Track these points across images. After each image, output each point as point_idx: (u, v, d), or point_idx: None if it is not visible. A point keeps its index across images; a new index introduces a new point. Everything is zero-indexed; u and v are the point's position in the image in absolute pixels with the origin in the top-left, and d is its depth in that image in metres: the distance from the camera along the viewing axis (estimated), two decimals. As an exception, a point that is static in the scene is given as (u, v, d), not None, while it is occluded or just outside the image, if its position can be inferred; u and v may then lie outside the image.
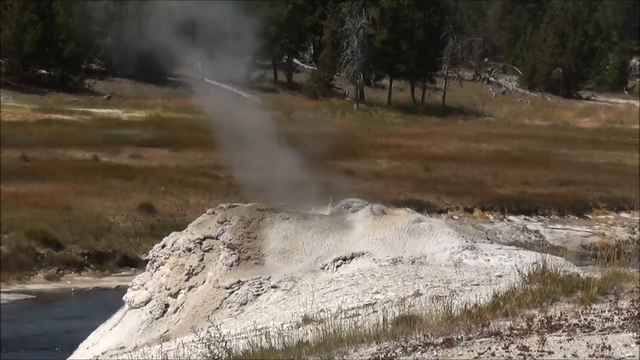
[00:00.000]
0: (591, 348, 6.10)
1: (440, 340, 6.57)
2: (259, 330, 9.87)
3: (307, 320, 10.17)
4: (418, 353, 6.37)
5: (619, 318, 6.81)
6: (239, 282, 14.18)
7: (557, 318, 6.86)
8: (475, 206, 34.24)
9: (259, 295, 13.92)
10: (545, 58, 76.87)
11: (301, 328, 9.58)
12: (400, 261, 13.78)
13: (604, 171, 40.98)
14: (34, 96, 57.36)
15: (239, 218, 15.00)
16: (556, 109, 70.50)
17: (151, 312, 15.01)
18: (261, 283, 14.08)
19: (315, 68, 71.62)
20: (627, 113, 68.70)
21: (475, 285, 11.53)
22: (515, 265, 9.73)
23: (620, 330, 6.51)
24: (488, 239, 21.76)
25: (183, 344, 10.45)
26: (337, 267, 13.98)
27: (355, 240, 14.42)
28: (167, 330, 14.34)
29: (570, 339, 6.32)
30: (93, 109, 54.51)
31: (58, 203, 29.21)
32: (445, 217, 31.08)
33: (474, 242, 14.51)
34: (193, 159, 38.24)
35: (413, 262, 13.68)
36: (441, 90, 68.17)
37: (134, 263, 26.46)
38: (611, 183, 37.84)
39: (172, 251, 15.45)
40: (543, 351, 6.10)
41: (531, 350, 6.13)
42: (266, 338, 7.38)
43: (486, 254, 13.93)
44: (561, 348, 6.15)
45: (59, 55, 60.43)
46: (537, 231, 32.84)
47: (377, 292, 12.03)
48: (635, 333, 6.36)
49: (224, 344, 7.25)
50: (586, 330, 6.55)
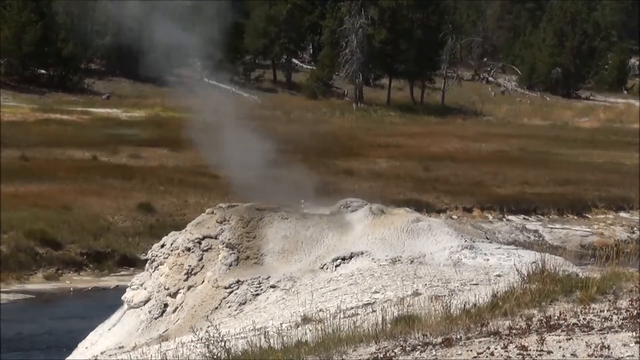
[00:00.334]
0: (590, 348, 6.09)
1: (439, 339, 6.56)
2: (258, 330, 9.86)
3: (306, 320, 10.16)
4: (417, 353, 6.36)
5: (618, 318, 6.80)
6: (238, 282, 14.17)
7: (556, 318, 6.86)
8: (474, 206, 34.24)
9: (258, 295, 13.91)
10: (544, 57, 76.87)
11: (300, 328, 9.57)
12: (399, 261, 13.78)
13: (603, 171, 40.98)
14: (33, 96, 57.34)
15: (238, 218, 14.99)
16: (555, 109, 70.52)
17: (150, 312, 14.99)
18: (260, 283, 14.07)
19: (314, 68, 71.60)
20: (627, 112, 68.75)
21: (474, 284, 11.52)
22: (514, 264, 9.71)
23: (619, 329, 6.50)
24: (487, 239, 21.77)
25: (182, 344, 10.45)
26: (336, 267, 13.97)
27: (354, 239, 14.41)
28: (166, 330, 14.33)
29: (569, 339, 6.31)
30: (92, 109, 54.49)
31: (57, 203, 29.20)
32: (444, 217, 31.08)
33: (473, 242, 14.50)
34: (192, 159, 38.13)
35: (412, 262, 13.67)
36: (440, 89, 68.18)
37: (133, 263, 26.45)
38: (610, 182, 37.85)
39: (171, 251, 15.44)
40: (542, 351, 6.10)
41: (530, 350, 6.12)
42: (265, 338, 7.37)
43: (485, 254, 13.92)
44: (560, 348, 6.14)
45: (58, 54, 60.40)
46: (536, 231, 32.84)
47: (376, 292, 12.02)
48: (634, 332, 6.35)
49: (223, 344, 7.24)
50: (585, 329, 6.54)
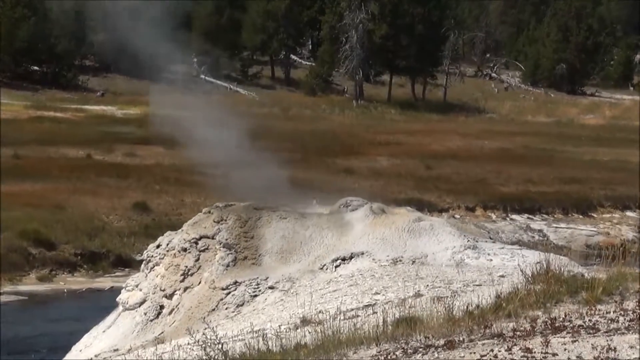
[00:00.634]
0: (596, 350, 6.08)
1: (441, 342, 6.55)
2: (256, 332, 9.86)
3: (306, 321, 10.15)
4: (419, 355, 6.35)
5: (625, 319, 6.79)
6: (236, 283, 14.16)
7: (561, 319, 6.85)
8: (477, 205, 34.24)
9: (256, 296, 13.91)
10: (548, 53, 76.91)
11: (299, 330, 9.56)
12: (400, 261, 13.77)
13: (609, 169, 40.99)
14: (26, 93, 57.36)
15: (236, 217, 14.98)
16: (560, 106, 70.55)
17: (146, 314, 14.99)
18: (258, 284, 14.07)
19: (313, 64, 71.66)
20: (633, 109, 68.71)
21: (477, 285, 11.51)
22: (518, 265, 9.70)
23: (625, 331, 6.49)
24: (490, 239, 21.78)
25: (178, 346, 10.44)
26: (336, 268, 13.96)
27: (354, 239, 14.41)
28: (162, 332, 14.32)
29: (574, 341, 6.30)
30: (87, 106, 54.50)
31: (51, 202, 29.20)
32: (446, 216, 31.09)
33: (476, 242, 14.50)
34: (189, 157, 38.19)
35: (414, 262, 13.67)
36: (442, 86, 68.21)
37: (128, 263, 26.45)
38: (616, 181, 37.84)
39: (167, 251, 15.43)
40: (547, 353, 6.09)
41: (535, 352, 6.11)
42: (263, 340, 7.35)
43: (488, 254, 13.92)
44: (565, 350, 6.13)
45: (52, 51, 60.42)
46: (541, 230, 32.85)
47: (377, 293, 12.02)
48: (641, 334, 6.34)
49: (220, 346, 7.23)
50: (591, 331, 6.53)
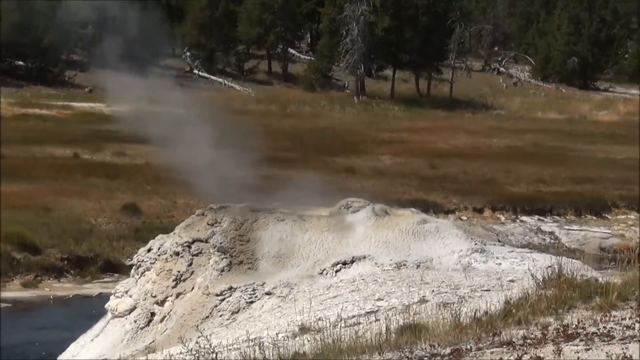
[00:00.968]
0: (611, 358, 6.07)
1: (447, 350, 6.55)
2: (252, 340, 9.85)
3: (304, 329, 10.15)
4: (424, 364, 6.34)
5: (641, 326, 6.78)
6: (231, 289, 14.17)
7: (574, 326, 6.83)
8: (485, 206, 34.24)
9: (252, 302, 13.91)
10: (559, 46, 76.94)
11: (298, 338, 9.55)
12: (404, 265, 13.78)
13: (624, 167, 40.96)
14: (10, 89, 57.35)
15: (231, 219, 14.98)
16: (572, 101, 70.57)
17: (136, 322, 14.99)
18: (254, 289, 14.07)
19: (312, 58, 71.67)
20: (648, 105, 68.74)
21: (485, 291, 11.52)
22: (528, 269, 9.70)
23: (642, 339, 6.47)
24: (499, 241, 21.83)
25: (170, 356, 10.43)
26: (337, 272, 13.97)
27: (355, 243, 14.41)
28: (153, 340, 14.32)
29: (588, 349, 6.29)
30: (74, 103, 54.51)
31: (36, 204, 29.18)
32: (452, 218, 31.09)
33: (484, 245, 14.52)
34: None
35: (418, 267, 13.68)
36: (448, 81, 68.23)
37: (118, 268, 26.42)
38: (631, 180, 37.78)
39: (159, 255, 15.44)
40: (559, 362, 6.08)
41: (546, 361, 6.11)
42: (260, 349, 7.35)
43: (497, 258, 13.93)
44: (578, 358, 6.13)
45: (37, 45, 60.39)
46: (552, 232, 32.84)
47: (380, 299, 12.02)
48: (658, 342, 6.33)
49: (214, 356, 7.22)
50: (605, 339, 6.52)
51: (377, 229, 14.56)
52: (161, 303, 14.96)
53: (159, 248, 15.52)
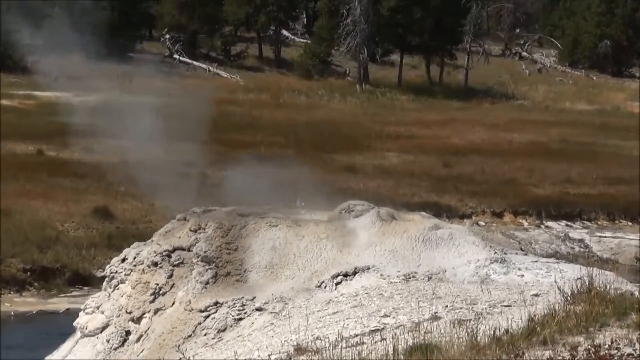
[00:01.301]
0: (648, 383, 6.09)
1: (463, 374, 6.56)
2: (241, 362, 9.87)
3: (300, 350, 10.18)
4: (436, 390, 6.36)
5: (683, 346, 6.80)
6: (217, 304, 14.18)
7: (607, 347, 6.85)
8: (505, 210, 34.28)
9: (241, 319, 13.93)
10: (589, 28, 76.97)
11: (293, 359, 9.58)
12: (413, 277, 13.80)
13: (663, 166, 41.02)
14: (-35, 77, 57.34)
15: (216, 225, 15.00)
16: (604, 90, 70.62)
17: (109, 341, 15.00)
18: (243, 305, 14.09)
19: (308, 41, 71.66)
20: (691, 95, 68.83)
21: (506, 306, 11.54)
22: (555, 281, 9.73)
23: (683, 361, 6.49)
24: (522, 250, 21.87)
25: (148, 380, 10.45)
26: (337, 285, 13.99)
27: (358, 251, 14.43)
28: (129, 363, 14.34)
29: (623, 372, 6.31)
30: (37, 92, 54.43)
31: (-6, 207, 29.19)
32: (469, 224, 31.13)
33: (505, 254, 14.54)
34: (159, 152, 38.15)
35: (430, 279, 13.70)
36: (463, 67, 68.27)
37: (88, 281, 26.45)
38: (672, 181, 37.87)
39: (134, 266, 15.45)
40: (590, 387, 6.10)
41: (575, 386, 6.13)
42: (250, 372, 7.37)
43: (519, 269, 13.95)
44: (612, 383, 6.14)
45: (-5, 27, 60.37)
46: (582, 240, 32.89)
47: (386, 316, 12.04)
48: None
49: (198, 380, 7.24)
50: (642, 361, 6.54)
51: (383, 236, 14.58)
52: (137, 320, 14.98)
53: (135, 258, 15.54)
